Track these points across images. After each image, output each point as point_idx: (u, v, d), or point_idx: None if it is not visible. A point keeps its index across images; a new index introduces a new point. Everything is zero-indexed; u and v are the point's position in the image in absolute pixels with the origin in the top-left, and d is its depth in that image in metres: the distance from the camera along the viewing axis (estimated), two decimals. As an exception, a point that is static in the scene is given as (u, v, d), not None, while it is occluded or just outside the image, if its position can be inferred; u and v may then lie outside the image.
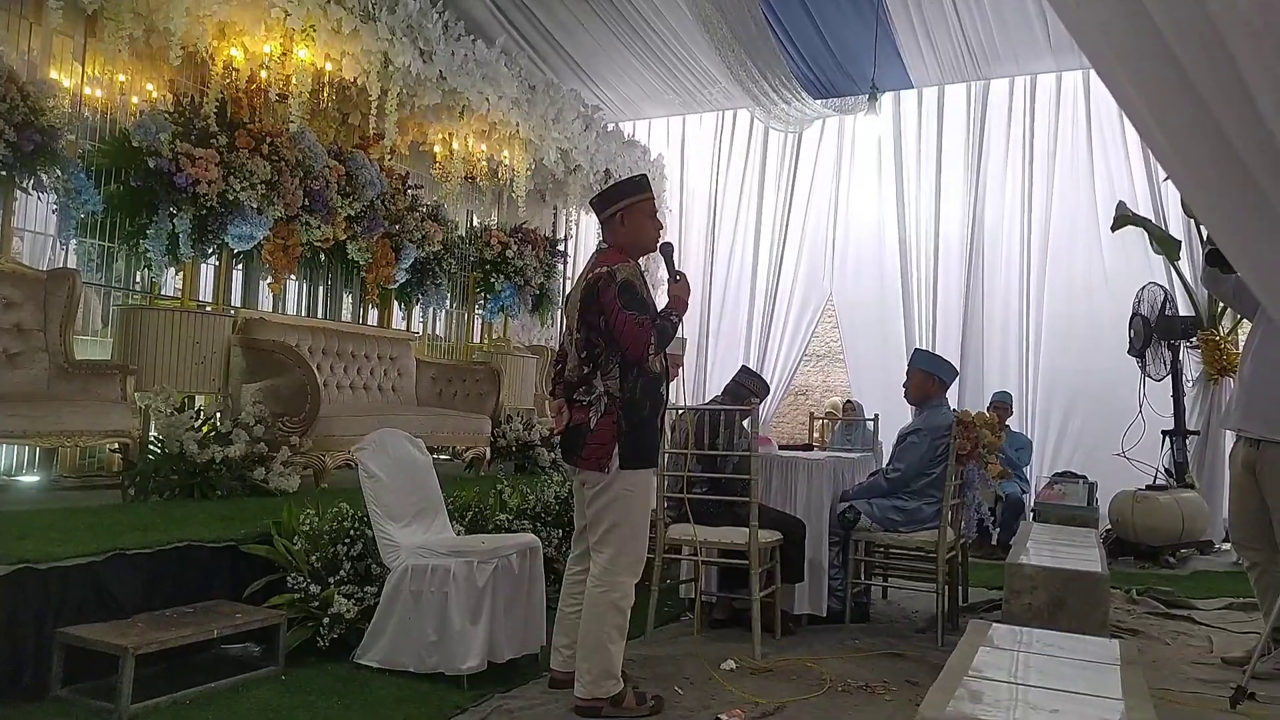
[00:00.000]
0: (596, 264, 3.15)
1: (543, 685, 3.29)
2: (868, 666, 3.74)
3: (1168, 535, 6.41)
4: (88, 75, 5.28)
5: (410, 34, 5.94)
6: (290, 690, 3.07)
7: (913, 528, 4.33)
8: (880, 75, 8.07)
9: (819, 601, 4.36)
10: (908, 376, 4.70)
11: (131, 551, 3.23)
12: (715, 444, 4.07)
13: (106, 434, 4.44)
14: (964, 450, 4.30)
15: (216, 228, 5.05)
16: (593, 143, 8.21)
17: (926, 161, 8.96)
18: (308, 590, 3.41)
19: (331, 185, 5.77)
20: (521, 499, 4.65)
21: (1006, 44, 7.91)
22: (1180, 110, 1.32)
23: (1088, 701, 2.11)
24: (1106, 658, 2.51)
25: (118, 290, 5.54)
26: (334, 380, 6.00)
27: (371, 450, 3.59)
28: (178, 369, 4.89)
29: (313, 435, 4.99)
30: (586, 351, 3.08)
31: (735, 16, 7.41)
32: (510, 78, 6.91)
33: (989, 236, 8.64)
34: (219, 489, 4.44)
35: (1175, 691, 3.50)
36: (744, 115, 9.78)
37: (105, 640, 2.82)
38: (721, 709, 3.11)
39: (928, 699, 2.02)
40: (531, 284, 8.02)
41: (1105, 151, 8.23)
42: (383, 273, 6.52)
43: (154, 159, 4.80)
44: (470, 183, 7.62)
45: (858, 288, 9.31)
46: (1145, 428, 6.90)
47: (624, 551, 3.08)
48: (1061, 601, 3.65)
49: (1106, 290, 7.97)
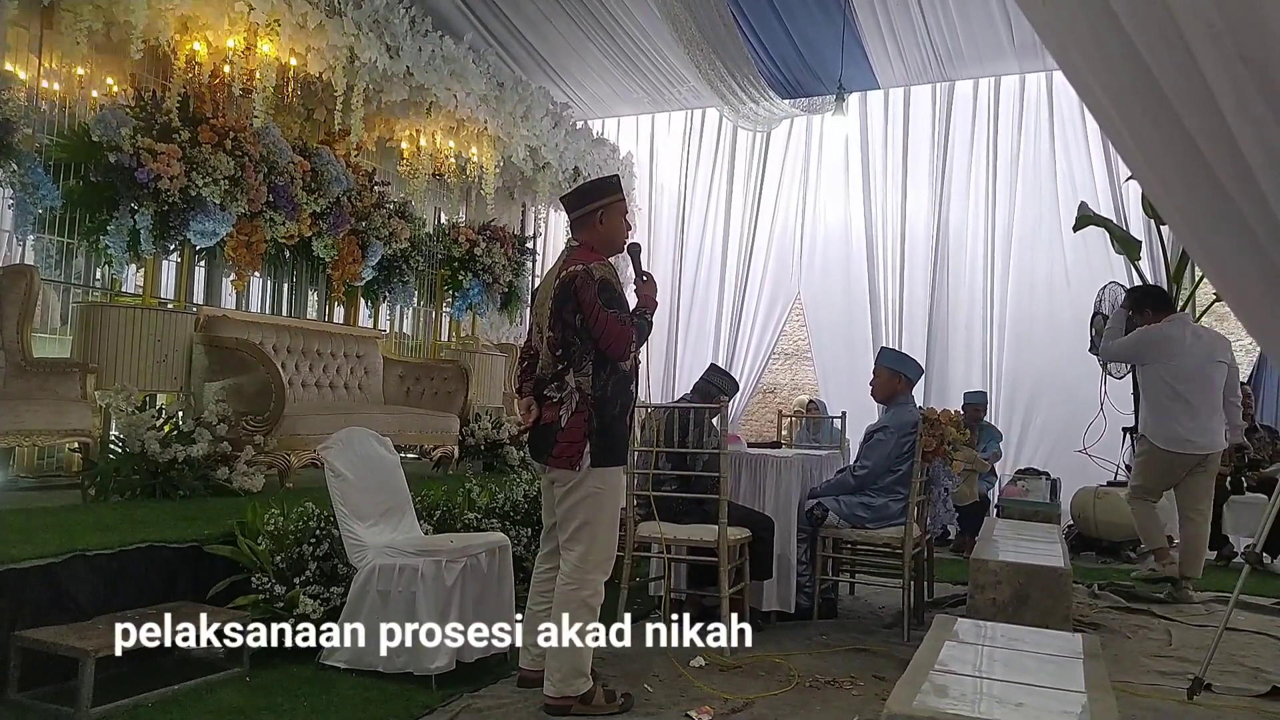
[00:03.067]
0: (570, 262, 3.13)
1: (512, 684, 3.28)
2: (835, 662, 3.77)
3: (1128, 530, 6.50)
4: (45, 68, 5.16)
5: (377, 29, 5.89)
6: (255, 692, 3.04)
7: (879, 524, 4.36)
8: (847, 76, 8.13)
9: (787, 598, 4.38)
10: (874, 374, 4.73)
11: (92, 553, 3.17)
12: (685, 442, 4.07)
13: (66, 433, 4.36)
14: (929, 447, 4.34)
15: (179, 224, 4.98)
16: (561, 140, 8.19)
17: (893, 162, 9.03)
18: (273, 591, 3.37)
19: (297, 181, 5.70)
20: (490, 498, 4.63)
21: (971, 46, 8.00)
22: (1145, 109, 1.34)
23: (1051, 694, 2.14)
24: (1069, 651, 2.55)
25: (77, 287, 5.43)
26: (299, 379, 5.93)
27: (338, 449, 3.55)
28: (139, 367, 4.81)
29: (277, 434, 4.93)
30: (560, 349, 3.07)
31: (703, 15, 7.42)
32: (478, 74, 6.87)
33: (954, 236, 8.73)
34: (181, 489, 4.38)
35: (1135, 684, 3.56)
36: (713, 114, 9.80)
37: (65, 643, 2.77)
38: (690, 705, 3.12)
39: (894, 693, 2.03)
40: (500, 282, 7.99)
41: (1067, 152, 8.35)
42: (349, 270, 6.46)
43: (115, 154, 4.72)
44: (438, 180, 7.57)
45: (825, 286, 9.36)
46: (1106, 425, 6.99)
47: (594, 549, 3.08)
48: (1025, 596, 3.70)
49: (1068, 289, 8.09)
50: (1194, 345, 4.91)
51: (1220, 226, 1.42)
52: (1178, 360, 4.87)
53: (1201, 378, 4.86)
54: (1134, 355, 5.10)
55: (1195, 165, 1.33)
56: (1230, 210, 1.35)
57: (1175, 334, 4.93)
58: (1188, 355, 4.87)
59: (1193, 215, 1.51)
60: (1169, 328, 4.97)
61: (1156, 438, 4.93)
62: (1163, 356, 4.90)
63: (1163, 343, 4.93)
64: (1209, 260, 1.74)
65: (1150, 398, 4.95)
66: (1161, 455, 4.93)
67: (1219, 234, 1.47)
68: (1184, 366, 4.86)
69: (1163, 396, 4.87)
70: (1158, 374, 4.88)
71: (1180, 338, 4.92)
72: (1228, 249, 1.48)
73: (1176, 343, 4.91)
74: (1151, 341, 4.98)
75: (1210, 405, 4.88)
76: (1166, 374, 4.85)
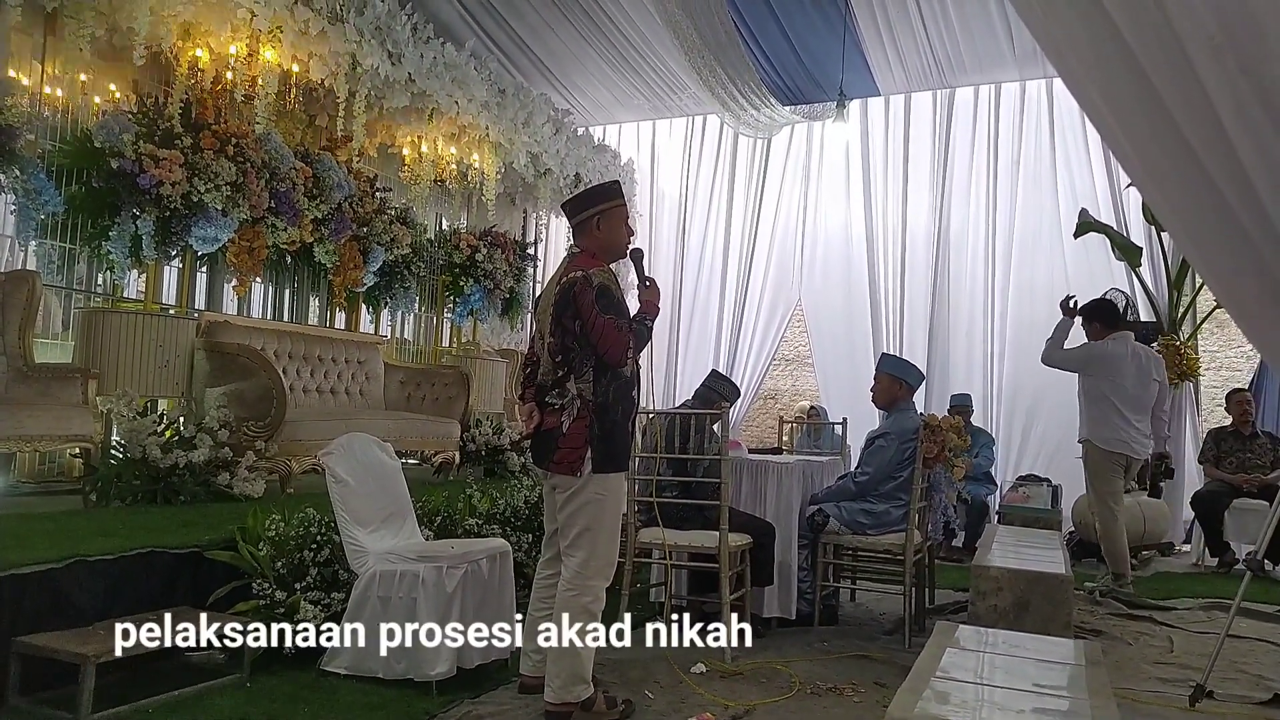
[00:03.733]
0: (570, 268, 3.14)
1: (512, 690, 3.28)
2: (836, 668, 3.77)
3: (1130, 537, 6.50)
4: (48, 74, 5.18)
5: (378, 36, 5.91)
6: (255, 698, 3.03)
7: (880, 530, 4.36)
8: (848, 83, 8.15)
9: (788, 604, 4.38)
10: (875, 380, 4.74)
11: (93, 558, 3.17)
12: (686, 448, 4.08)
13: (67, 439, 4.37)
14: (930, 453, 4.34)
15: (180, 230, 4.99)
16: (563, 147, 8.21)
17: (894, 168, 9.05)
18: (273, 597, 3.37)
19: (298, 187, 5.71)
20: (491, 503, 4.63)
21: (972, 53, 8.01)
22: (1145, 119, 1.35)
23: (1052, 701, 2.14)
24: (1070, 658, 2.55)
25: (79, 293, 5.44)
26: (300, 384, 5.93)
27: (339, 455, 3.55)
28: (140, 373, 4.82)
29: (278, 440, 4.93)
30: (561, 355, 3.07)
31: (704, 22, 7.44)
32: (480, 81, 6.89)
33: (954, 242, 8.74)
34: (182, 494, 4.38)
35: (1137, 690, 3.56)
36: (714, 121, 9.82)
37: (65, 648, 2.77)
38: (691, 712, 3.12)
39: (896, 700, 2.03)
40: (501, 287, 7.99)
41: (1068, 159, 8.36)
42: (350, 275, 6.47)
43: (117, 160, 4.74)
44: (439, 186, 7.58)
45: (826, 292, 9.38)
46: (1108, 431, 7.00)
47: (595, 555, 3.08)
48: (1026, 603, 3.70)
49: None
50: (1134, 363, 5.29)
51: (1220, 235, 1.43)
52: (1119, 376, 5.24)
53: (1138, 392, 5.27)
54: (1079, 366, 5.42)
55: (1195, 174, 1.34)
56: (1230, 219, 1.35)
57: (1120, 351, 5.29)
58: (1128, 372, 5.26)
59: (1192, 223, 1.51)
60: (1115, 345, 5.32)
61: (1097, 439, 5.27)
62: (1107, 371, 5.26)
63: (1108, 359, 5.28)
64: (1209, 268, 1.75)
65: (1092, 404, 5.30)
66: (1103, 454, 5.26)
67: (1218, 242, 1.47)
68: (1124, 382, 5.24)
69: (1103, 404, 5.25)
70: (1099, 385, 5.26)
71: (1124, 355, 5.29)
72: (1227, 257, 1.49)
73: (1121, 359, 5.27)
74: (1098, 356, 5.32)
75: (1142, 417, 5.31)
76: (1107, 386, 5.23)
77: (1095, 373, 5.30)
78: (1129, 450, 5.25)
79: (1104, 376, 5.26)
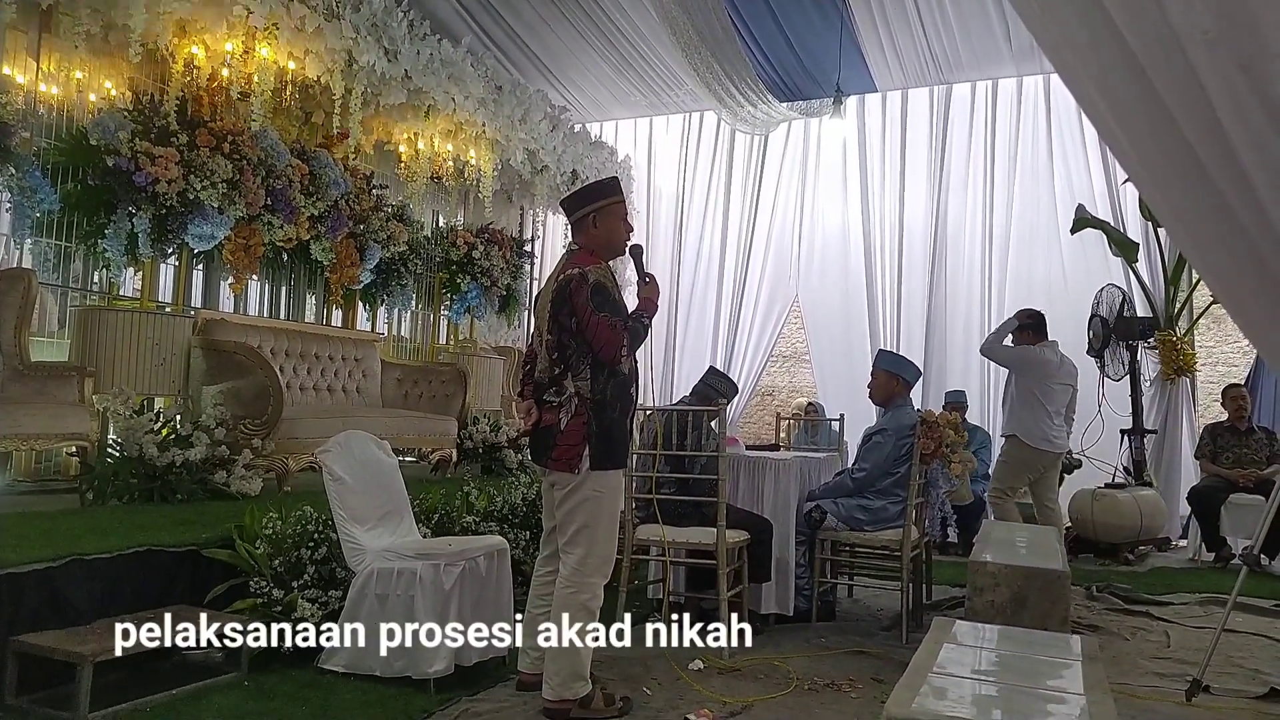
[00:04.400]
0: (568, 265, 3.14)
1: (511, 688, 3.28)
2: (834, 664, 3.77)
3: (1127, 532, 6.53)
4: (43, 71, 5.17)
5: (375, 33, 5.89)
6: (254, 696, 3.03)
7: (878, 526, 4.37)
8: (845, 79, 8.14)
9: (786, 601, 4.38)
10: (872, 377, 4.74)
11: (89, 557, 3.17)
12: (683, 445, 4.07)
13: (63, 437, 4.36)
14: (928, 450, 4.35)
15: (176, 227, 4.98)
16: (560, 143, 8.20)
17: (890, 164, 9.05)
18: (271, 595, 3.36)
19: (294, 184, 5.70)
20: (488, 501, 4.62)
21: (969, 49, 8.01)
22: (1141, 113, 1.35)
23: (1050, 697, 2.14)
24: (1068, 653, 2.55)
25: (75, 291, 5.43)
26: (297, 382, 5.93)
27: (336, 453, 3.55)
28: (137, 371, 4.81)
29: (275, 438, 4.93)
30: (558, 353, 3.07)
31: (701, 19, 7.43)
32: (476, 78, 6.87)
33: (952, 239, 8.74)
34: (179, 492, 4.37)
35: (1134, 685, 3.57)
36: (710, 117, 9.81)
37: (62, 648, 2.76)
38: (689, 709, 3.12)
39: (893, 696, 2.03)
40: (498, 285, 7.98)
41: (1065, 155, 8.36)
42: (347, 273, 6.46)
43: (113, 157, 4.72)
44: (436, 183, 7.57)
45: (823, 289, 9.38)
46: (1104, 427, 7.02)
47: (593, 552, 3.08)
48: (1023, 598, 3.70)
49: (1066, 292, 8.09)
50: (1059, 369, 5.76)
51: (1216, 230, 1.43)
52: (1048, 380, 5.70)
53: (1061, 395, 5.74)
54: (1012, 365, 5.91)
55: (1192, 170, 1.34)
56: (1227, 215, 1.35)
57: (1050, 358, 5.76)
58: (1054, 376, 5.71)
59: (1189, 219, 1.51)
60: (1046, 352, 5.78)
61: (1026, 436, 5.66)
62: (1037, 374, 5.71)
63: (1040, 363, 5.74)
64: (1206, 264, 1.75)
65: (1022, 403, 5.71)
66: (1030, 451, 5.64)
67: (1215, 238, 1.47)
68: (1051, 385, 5.69)
69: (1034, 405, 5.66)
70: (1029, 386, 5.70)
71: (1054, 361, 5.76)
72: (1224, 253, 1.49)
73: (1051, 365, 5.74)
74: (1031, 360, 5.78)
75: (1063, 417, 5.79)
76: (1036, 388, 5.68)
77: (1030, 375, 5.73)
78: (1052, 447, 5.68)
79: (1037, 379, 5.68)
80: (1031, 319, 5.92)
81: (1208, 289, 6.59)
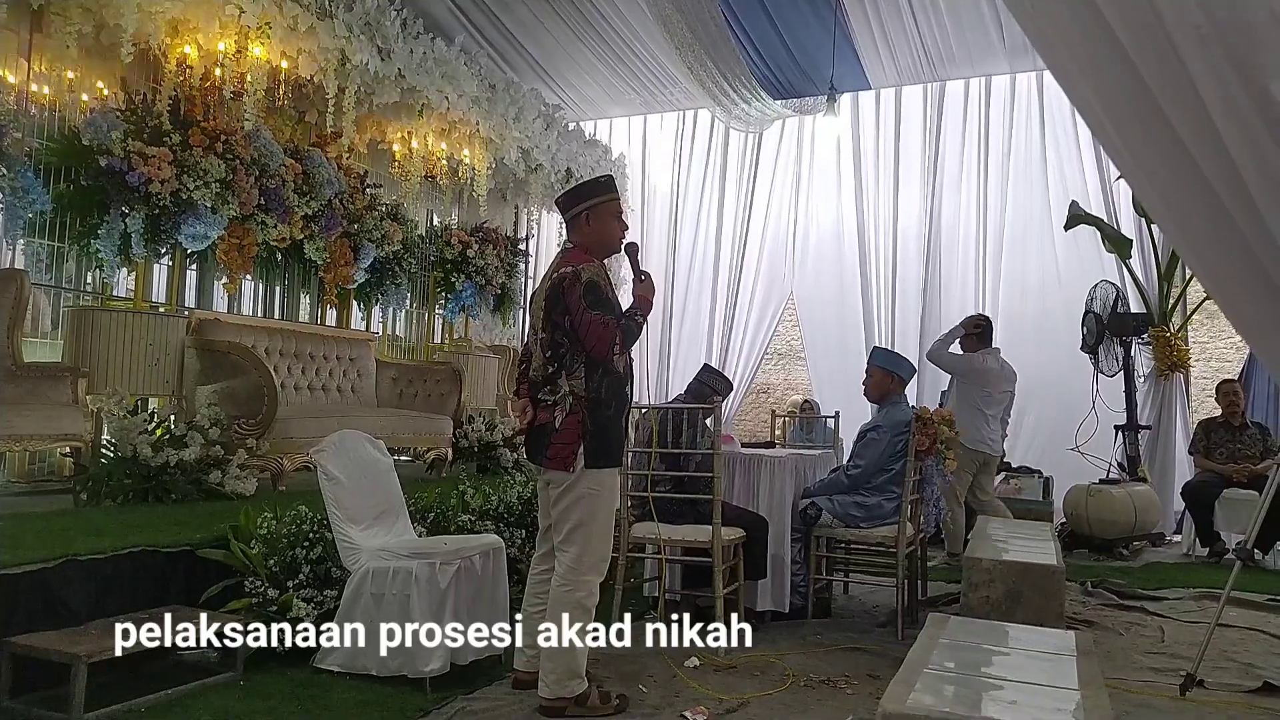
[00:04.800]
0: (562, 263, 3.14)
1: (506, 686, 3.27)
2: (830, 661, 3.77)
3: (1121, 528, 6.55)
4: (34, 71, 5.14)
5: (368, 31, 5.88)
6: (249, 696, 3.03)
7: (873, 523, 4.37)
8: (838, 76, 8.14)
9: (781, 598, 4.39)
10: (867, 374, 4.75)
11: (84, 557, 3.16)
12: (679, 442, 4.08)
13: (57, 438, 4.35)
14: (923, 446, 4.36)
15: (170, 227, 4.97)
16: (554, 142, 8.19)
17: (884, 162, 9.06)
18: (266, 594, 3.35)
19: (288, 184, 5.69)
20: (484, 500, 4.62)
21: (962, 46, 8.02)
22: (1133, 111, 1.35)
23: (1045, 692, 2.15)
24: (1062, 649, 2.56)
25: (68, 291, 5.42)
26: (291, 381, 5.92)
27: (331, 452, 3.54)
28: (130, 371, 4.80)
29: (270, 438, 4.92)
30: (551, 351, 3.07)
31: (695, 17, 7.43)
32: (470, 76, 6.86)
33: (946, 235, 8.75)
34: (173, 493, 4.37)
35: (1128, 680, 3.57)
36: (705, 115, 9.81)
37: (57, 649, 2.76)
38: (685, 706, 3.12)
39: (889, 692, 2.04)
40: (493, 283, 7.98)
41: (1058, 151, 8.38)
42: (341, 272, 6.45)
43: (105, 158, 4.71)
44: (430, 182, 7.56)
45: (818, 286, 9.39)
46: (1098, 423, 7.05)
47: (589, 550, 3.07)
48: (1018, 594, 3.71)
49: (1060, 288, 8.12)
50: (998, 375, 6.10)
51: (1208, 226, 1.43)
52: (988, 386, 6.05)
53: (999, 399, 6.10)
54: (956, 371, 6.23)
55: (1184, 166, 1.34)
56: (1218, 211, 1.36)
57: (992, 366, 6.11)
58: (994, 383, 6.07)
59: (1182, 215, 1.52)
60: (988, 360, 6.11)
61: (964, 438, 5.68)
62: (978, 381, 6.06)
63: (982, 371, 6.08)
64: (1198, 260, 1.75)
65: (962, 406, 5.96)
66: (968, 452, 5.77)
67: (1208, 234, 1.47)
68: (991, 391, 6.05)
69: (974, 410, 5.97)
70: (970, 391, 6.06)
71: (995, 369, 6.11)
72: (1216, 249, 1.49)
73: (992, 373, 6.09)
74: (979, 369, 6.09)
75: (1000, 420, 6.14)
76: (977, 393, 6.03)
77: (973, 382, 6.07)
78: (989, 449, 6.06)
79: (979, 386, 6.04)
80: (978, 328, 6.21)
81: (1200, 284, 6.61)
